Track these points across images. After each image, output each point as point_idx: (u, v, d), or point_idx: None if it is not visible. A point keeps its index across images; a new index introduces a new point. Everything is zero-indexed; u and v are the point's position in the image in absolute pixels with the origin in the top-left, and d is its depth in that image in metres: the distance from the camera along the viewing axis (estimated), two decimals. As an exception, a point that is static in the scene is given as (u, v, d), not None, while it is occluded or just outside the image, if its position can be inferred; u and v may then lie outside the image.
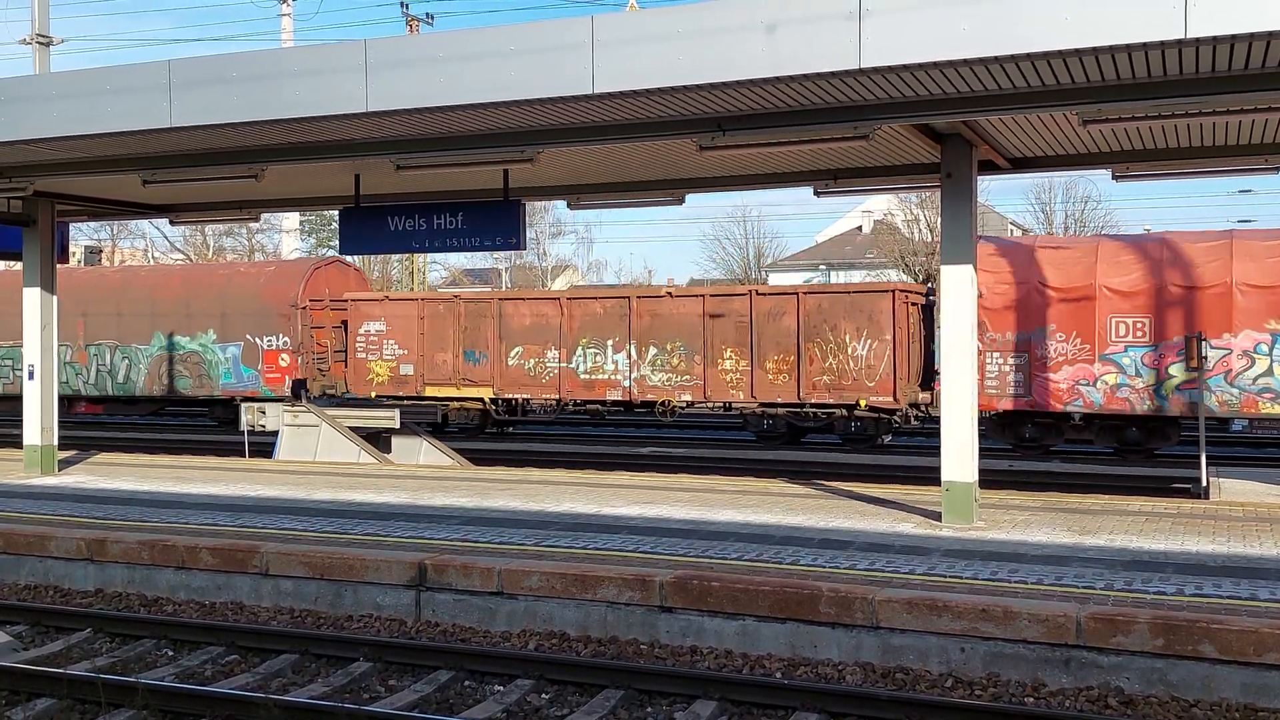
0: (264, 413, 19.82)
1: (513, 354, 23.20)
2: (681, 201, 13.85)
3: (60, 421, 28.20)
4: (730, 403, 22.20)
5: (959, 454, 10.82)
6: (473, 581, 9.09)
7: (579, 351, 22.72)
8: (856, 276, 54.02)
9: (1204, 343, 16.95)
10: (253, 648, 8.59)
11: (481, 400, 23.46)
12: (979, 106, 9.21)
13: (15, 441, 18.56)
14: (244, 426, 19.66)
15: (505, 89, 9.14)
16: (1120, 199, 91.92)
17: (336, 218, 14.27)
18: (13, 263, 24.07)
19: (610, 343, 22.49)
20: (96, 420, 30.03)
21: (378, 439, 19.89)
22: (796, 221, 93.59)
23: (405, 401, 24.10)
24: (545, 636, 8.70)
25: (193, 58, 10.51)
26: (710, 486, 13.96)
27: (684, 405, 22.30)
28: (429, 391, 23.76)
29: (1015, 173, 12.29)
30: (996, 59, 7.93)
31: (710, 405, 22.65)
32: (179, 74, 10.26)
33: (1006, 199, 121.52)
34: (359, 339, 24.36)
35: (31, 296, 15.29)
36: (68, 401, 26.75)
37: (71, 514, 11.94)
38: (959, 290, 10.78)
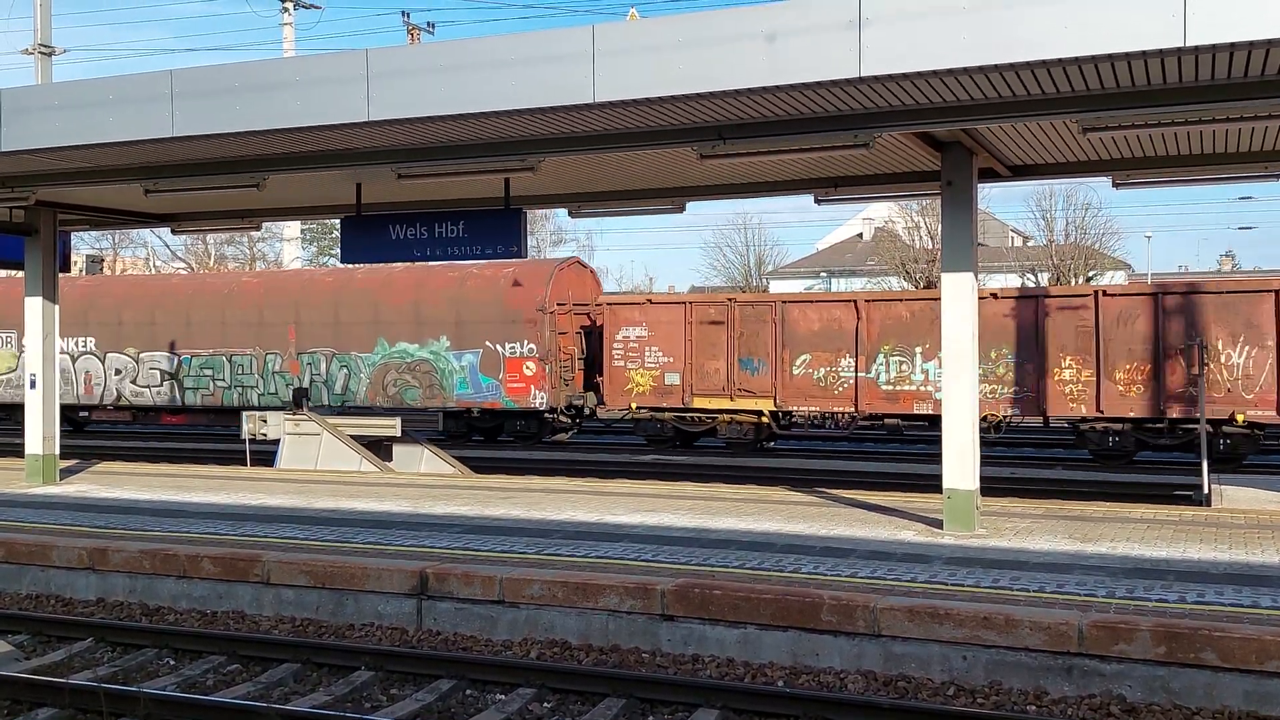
0: (265, 421, 19.80)
1: (798, 362, 21.44)
2: (682, 209, 13.86)
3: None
4: (1069, 417, 20.06)
5: (960, 461, 10.82)
6: (474, 590, 9.09)
7: (880, 359, 20.84)
8: (857, 284, 54.09)
9: (1204, 349, 16.92)
10: (254, 657, 8.58)
11: (758, 413, 21.89)
12: (979, 114, 9.24)
13: (17, 450, 18.56)
14: (245, 435, 19.65)
15: (506, 98, 9.17)
16: (1121, 206, 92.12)
17: (338, 226, 14.28)
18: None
19: (919, 350, 20.55)
20: (98, 429, 29.89)
21: (379, 447, 19.86)
22: (797, 229, 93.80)
23: (667, 413, 22.78)
24: (547, 645, 8.69)
25: (195, 68, 10.55)
26: (711, 494, 13.95)
27: (1009, 420, 20.26)
28: (697, 403, 22.24)
29: (1016, 180, 12.32)
30: (996, 67, 7.95)
31: (1022, 419, 20.56)
32: (181, 84, 10.29)
33: (1007, 206, 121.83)
34: (616, 346, 22.77)
35: (33, 306, 15.30)
36: None
37: (73, 523, 11.95)
38: (959, 296, 10.79)
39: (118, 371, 26.74)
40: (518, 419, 24.79)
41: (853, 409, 21.10)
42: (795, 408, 21.72)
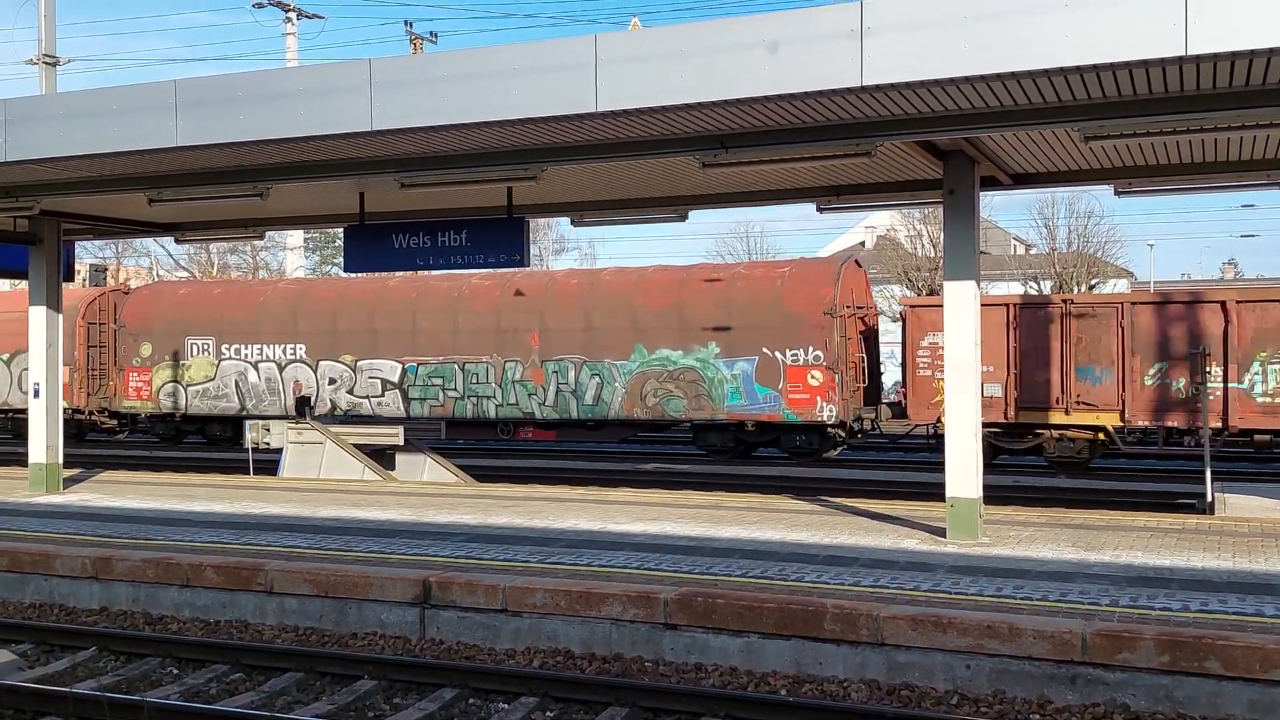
0: (268, 430, 19.79)
1: (1151, 372, 19.05)
2: (684, 218, 13.88)
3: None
4: None
5: (963, 470, 10.82)
6: (477, 599, 9.09)
7: (1254, 368, 18.47)
8: (860, 292, 53.92)
9: (1206, 358, 16.91)
10: (257, 666, 8.59)
11: (1098, 429, 19.58)
12: (980, 123, 9.25)
13: (20, 459, 18.57)
14: (248, 444, 19.66)
15: (509, 108, 9.19)
16: (1123, 214, 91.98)
17: (341, 235, 14.31)
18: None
19: None
20: (102, 438, 29.82)
21: (382, 455, 19.86)
22: (799, 237, 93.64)
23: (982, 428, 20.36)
24: (550, 654, 8.69)
25: (198, 78, 10.59)
26: (715, 503, 13.95)
27: None
28: (1023, 417, 19.93)
29: (1017, 188, 12.33)
30: (998, 76, 7.97)
31: None
32: (185, 94, 10.32)
33: (1010, 214, 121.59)
34: (922, 353, 20.55)
35: (37, 315, 15.32)
36: (513, 426, 23.67)
37: (76, 532, 11.95)
38: (961, 305, 10.81)
39: (332, 380, 24.77)
40: (797, 433, 22.40)
41: (1219, 423, 18.56)
42: (1146, 422, 19.36)
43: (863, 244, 66.95)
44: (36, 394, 15.36)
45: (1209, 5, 7.33)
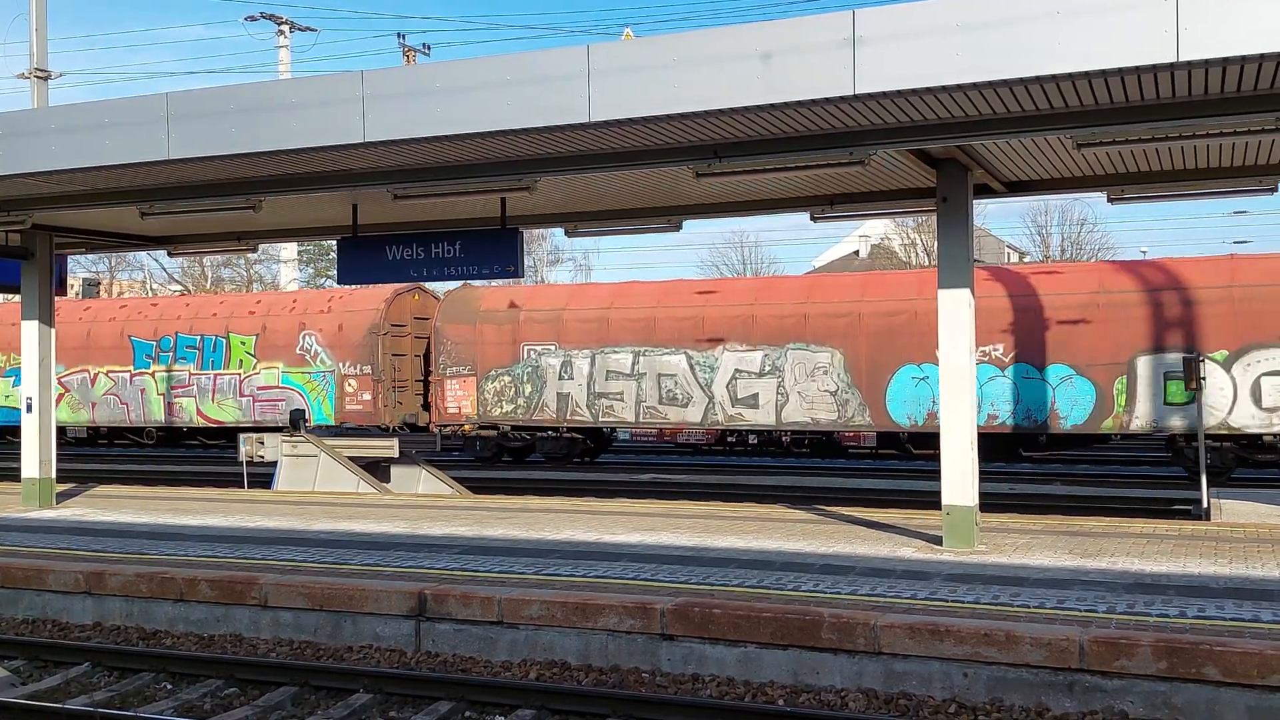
0: (262, 443, 19.74)
1: None
2: (679, 228, 13.86)
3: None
4: None
5: (959, 478, 10.80)
6: (473, 611, 9.05)
7: None
8: (854, 301, 53.86)
9: (1202, 364, 16.91)
10: (252, 680, 8.54)
11: None
12: (973, 131, 9.26)
13: (13, 475, 18.50)
14: (242, 457, 19.60)
15: (502, 119, 9.19)
16: (1116, 221, 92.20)
17: (335, 248, 14.29)
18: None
19: None
20: (94, 452, 29.70)
21: (376, 468, 19.81)
22: (793, 247, 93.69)
23: None
24: (546, 666, 8.66)
25: (190, 90, 10.57)
26: (711, 513, 13.92)
27: None
28: None
29: (1011, 196, 12.35)
30: (990, 84, 7.98)
31: None
32: (177, 107, 10.31)
33: (1004, 222, 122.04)
34: None
35: (30, 330, 15.27)
36: None
37: (69, 547, 11.90)
38: (956, 313, 10.80)
39: None
40: None
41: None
42: None
43: (856, 253, 67.04)
44: (29, 408, 15.29)
45: (1200, 11, 7.36)
